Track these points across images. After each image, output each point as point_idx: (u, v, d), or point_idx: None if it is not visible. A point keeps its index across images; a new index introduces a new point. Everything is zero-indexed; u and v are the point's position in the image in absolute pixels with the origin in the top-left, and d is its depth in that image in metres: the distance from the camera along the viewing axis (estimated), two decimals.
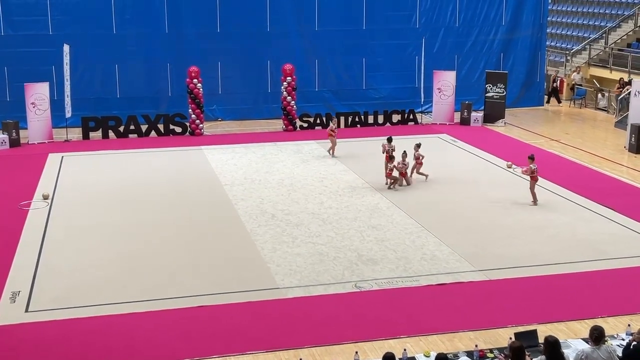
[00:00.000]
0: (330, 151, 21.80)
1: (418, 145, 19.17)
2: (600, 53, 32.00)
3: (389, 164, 18.40)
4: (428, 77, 26.66)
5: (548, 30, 33.09)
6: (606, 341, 9.12)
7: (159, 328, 11.13)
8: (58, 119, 24.04)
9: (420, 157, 18.99)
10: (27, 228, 15.51)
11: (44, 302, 12.01)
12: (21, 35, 25.25)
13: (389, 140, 19.07)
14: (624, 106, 26.31)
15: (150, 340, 10.79)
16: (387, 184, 18.31)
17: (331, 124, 22.26)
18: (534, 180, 16.99)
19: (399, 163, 18.42)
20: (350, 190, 18.22)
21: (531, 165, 16.86)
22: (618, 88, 27.90)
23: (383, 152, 18.87)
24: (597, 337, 8.65)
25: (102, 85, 26.20)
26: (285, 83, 25.19)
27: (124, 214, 16.53)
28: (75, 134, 24.23)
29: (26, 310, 11.72)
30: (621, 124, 25.21)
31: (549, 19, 33.26)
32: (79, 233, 15.28)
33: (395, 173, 18.37)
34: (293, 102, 25.25)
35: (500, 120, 26.36)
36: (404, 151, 18.60)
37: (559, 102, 30.49)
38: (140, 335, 10.93)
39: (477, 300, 12.10)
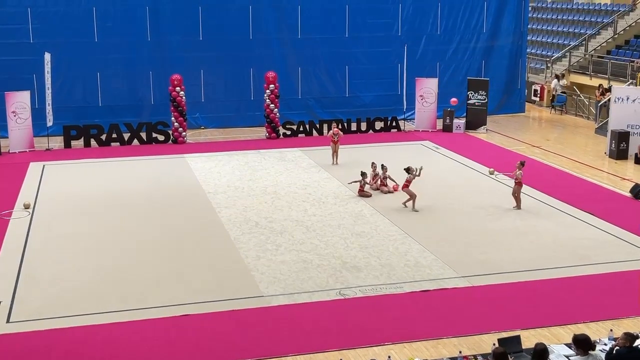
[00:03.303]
0: (334, 158, 21.44)
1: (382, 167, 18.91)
2: (581, 60, 32.33)
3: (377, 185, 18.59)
4: (410, 85, 26.78)
5: (528, 38, 33.38)
6: None
7: (142, 337, 11.07)
8: (39, 127, 23.85)
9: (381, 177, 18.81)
10: (8, 238, 15.37)
11: (26, 312, 11.90)
12: (1, 43, 25.04)
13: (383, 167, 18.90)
14: (603, 112, 26.62)
15: (134, 350, 10.72)
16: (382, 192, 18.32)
17: (333, 129, 21.83)
18: (518, 185, 17.11)
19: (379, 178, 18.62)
20: (334, 198, 18.24)
21: (519, 172, 16.99)
22: (600, 95, 28.14)
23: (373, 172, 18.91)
24: (587, 347, 8.75)
25: (84, 93, 26.08)
26: (268, 91, 25.20)
27: (107, 222, 16.43)
28: (57, 142, 24.08)
29: (7, 321, 11.61)
30: (601, 130, 25.46)
31: (529, 26, 33.58)
32: (60, 242, 15.17)
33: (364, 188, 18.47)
34: (276, 109, 25.26)
35: (482, 127, 26.52)
36: (381, 165, 18.75)
37: None
38: (123, 345, 10.85)
39: (461, 307, 12.15)
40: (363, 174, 18.31)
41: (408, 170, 17.29)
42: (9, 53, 25.06)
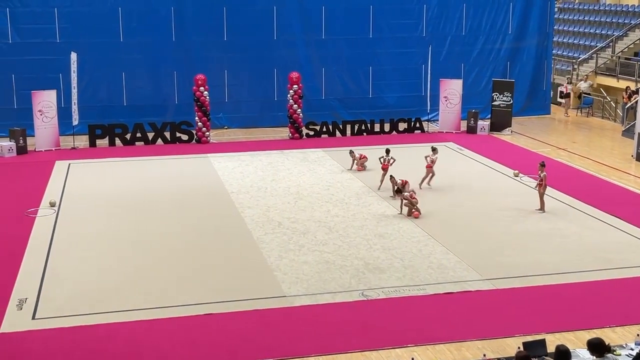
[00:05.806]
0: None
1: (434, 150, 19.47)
2: (607, 62, 31.97)
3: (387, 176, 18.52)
4: (434, 86, 26.66)
5: (554, 39, 33.09)
6: (614, 351, 9.09)
7: (165, 336, 11.11)
8: (65, 126, 24.10)
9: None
10: (34, 235, 15.53)
11: (51, 309, 12.01)
12: (29, 43, 25.36)
13: (387, 151, 19.35)
14: (630, 115, 26.29)
15: (157, 348, 10.77)
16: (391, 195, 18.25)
17: (355, 159, 21.05)
18: (541, 187, 16.98)
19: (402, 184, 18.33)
20: (357, 199, 18.20)
21: (540, 173, 16.89)
22: (627, 97, 27.81)
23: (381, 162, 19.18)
24: (602, 350, 8.65)
25: (109, 93, 26.31)
26: (291, 91, 25.23)
27: (131, 221, 16.54)
28: (82, 141, 24.28)
29: (33, 318, 11.72)
30: (628, 133, 25.16)
31: (555, 27, 33.27)
32: (85, 240, 15.29)
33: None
34: (299, 110, 25.28)
35: (507, 129, 26.32)
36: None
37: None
38: (146, 343, 10.91)
39: (485, 310, 12.06)
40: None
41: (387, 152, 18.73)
42: (36, 52, 25.35)
